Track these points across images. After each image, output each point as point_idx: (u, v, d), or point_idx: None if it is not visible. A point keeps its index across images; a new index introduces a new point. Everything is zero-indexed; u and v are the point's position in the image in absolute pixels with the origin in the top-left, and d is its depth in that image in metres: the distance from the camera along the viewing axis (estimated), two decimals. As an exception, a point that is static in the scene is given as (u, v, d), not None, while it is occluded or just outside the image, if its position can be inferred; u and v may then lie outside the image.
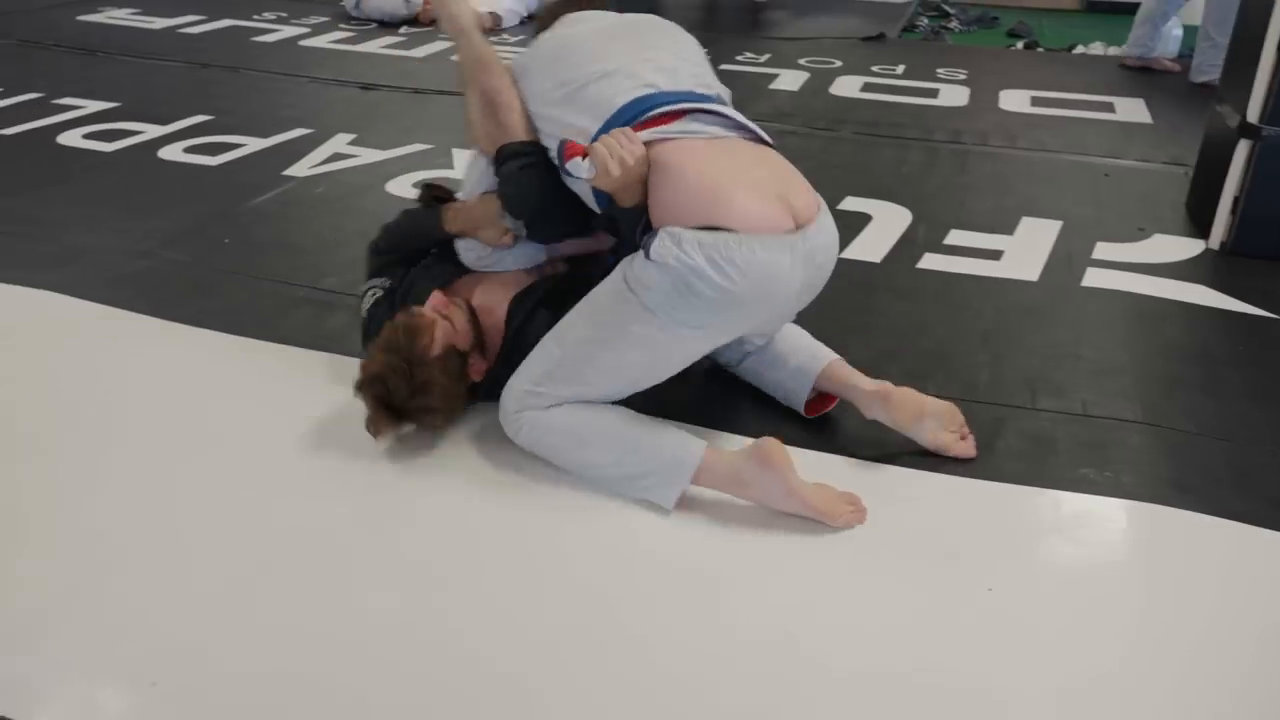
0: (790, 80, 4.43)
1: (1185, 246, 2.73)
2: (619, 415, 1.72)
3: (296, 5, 5.78)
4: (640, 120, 1.68)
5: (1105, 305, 2.41)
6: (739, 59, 4.74)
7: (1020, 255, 2.66)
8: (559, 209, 1.86)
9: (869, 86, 4.32)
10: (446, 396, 1.78)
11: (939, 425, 1.80)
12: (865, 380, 1.84)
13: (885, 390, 1.81)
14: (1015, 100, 4.13)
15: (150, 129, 3.57)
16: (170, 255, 2.61)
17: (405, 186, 3.09)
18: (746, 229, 1.56)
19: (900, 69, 4.61)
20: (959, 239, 2.77)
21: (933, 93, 4.23)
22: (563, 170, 1.73)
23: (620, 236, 1.79)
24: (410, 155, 3.36)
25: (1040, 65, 4.89)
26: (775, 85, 4.34)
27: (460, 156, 3.36)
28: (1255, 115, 2.56)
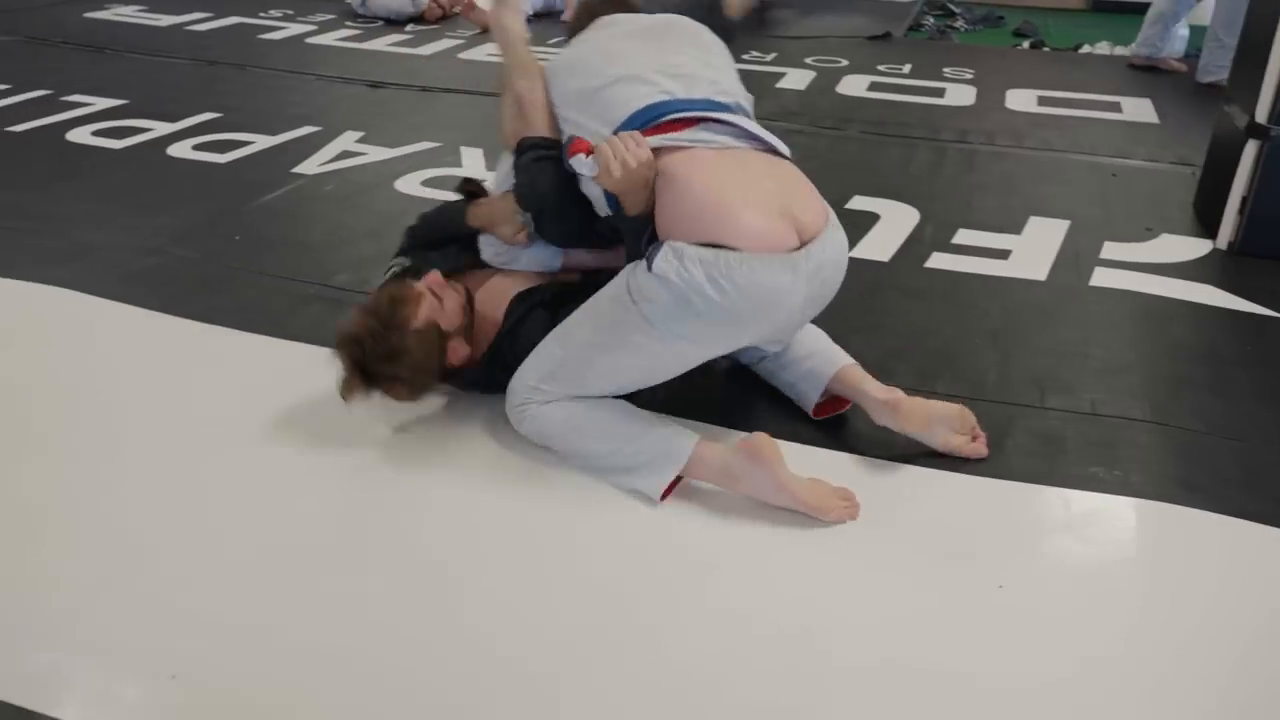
0: (797, 79, 4.43)
1: (1193, 246, 2.73)
2: (617, 409, 1.76)
3: (303, 3, 5.80)
4: (650, 125, 1.68)
5: (1113, 305, 2.41)
6: (745, 58, 4.74)
7: (1028, 255, 2.67)
8: (572, 210, 1.87)
9: (876, 86, 4.33)
10: (416, 369, 1.80)
11: (949, 429, 1.80)
12: (876, 387, 1.84)
13: (895, 400, 1.81)
14: (1022, 100, 4.13)
15: (159, 126, 3.58)
16: (180, 252, 2.62)
17: (414, 184, 3.10)
18: (749, 248, 1.57)
19: (907, 68, 4.62)
20: (967, 238, 2.77)
21: (939, 92, 4.24)
22: (567, 165, 1.74)
23: (624, 243, 1.81)
24: (418, 153, 3.37)
25: (1046, 65, 4.90)
26: (782, 84, 4.35)
27: (468, 154, 3.37)
28: (1263, 116, 2.56)
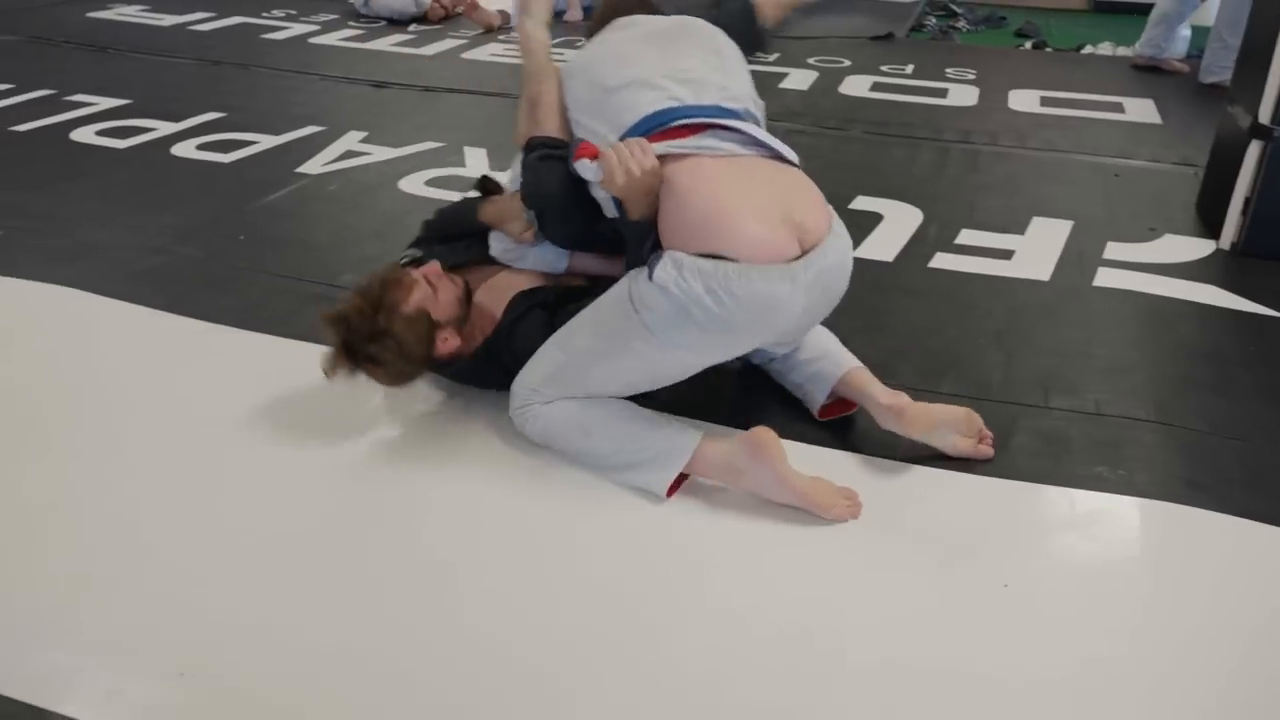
0: (799, 79, 4.44)
1: (1196, 247, 2.74)
2: (619, 407, 1.76)
3: (305, 3, 5.80)
4: (657, 131, 1.68)
5: (1117, 305, 2.42)
6: (748, 58, 4.73)
7: (1031, 255, 2.67)
8: (576, 211, 1.87)
9: (878, 86, 4.33)
10: (399, 355, 1.82)
11: (956, 432, 1.80)
12: (882, 392, 1.84)
13: (899, 406, 1.81)
14: (1024, 100, 4.13)
15: (162, 126, 3.59)
16: (185, 251, 2.63)
17: (418, 184, 3.11)
18: (748, 257, 1.57)
19: (909, 68, 4.62)
20: (970, 238, 2.77)
21: (942, 92, 4.24)
22: (571, 169, 1.74)
23: (625, 248, 1.81)
24: (422, 153, 3.38)
25: (1049, 65, 4.90)
26: (785, 84, 4.35)
27: (471, 154, 3.38)
28: (1267, 116, 2.56)
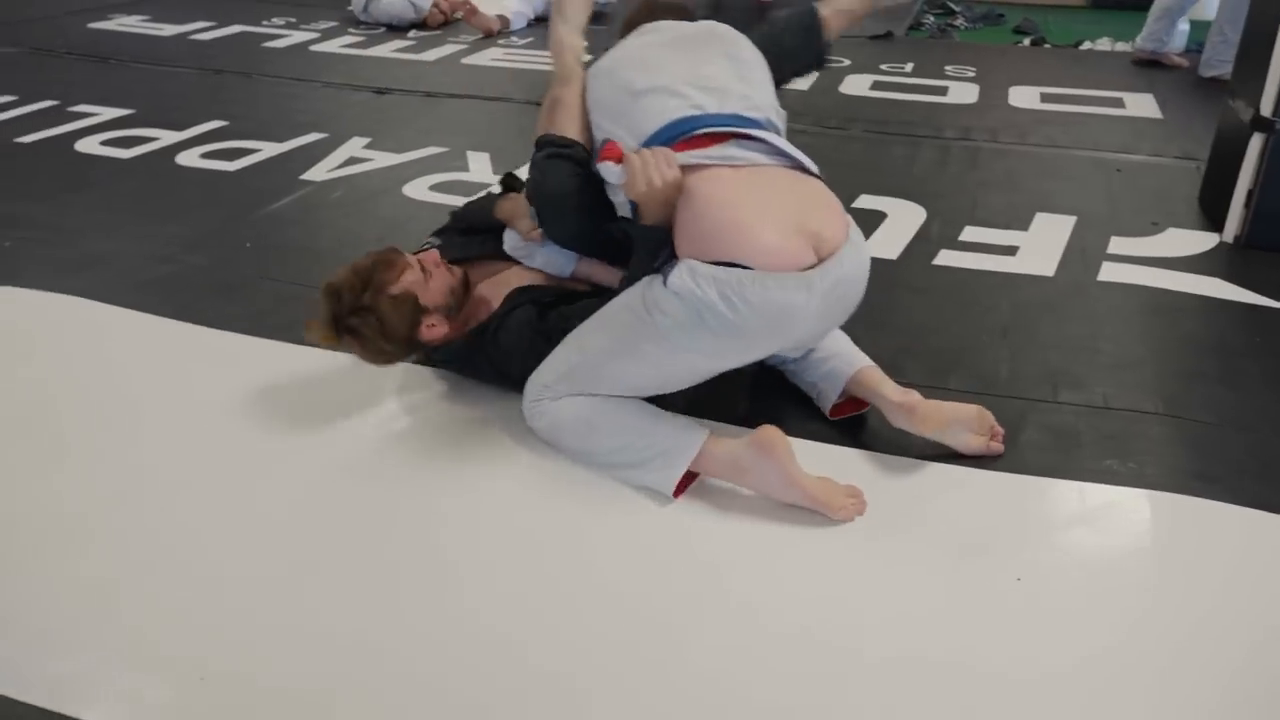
0: (799, 79, 4.42)
1: (1199, 240, 2.74)
2: (628, 405, 1.77)
3: (304, 10, 5.82)
4: (680, 140, 1.68)
5: (1122, 299, 2.42)
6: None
7: (1035, 251, 2.68)
8: (577, 213, 1.88)
9: (878, 85, 4.34)
10: (380, 333, 1.86)
11: (967, 430, 1.80)
12: (893, 390, 1.84)
13: (910, 404, 1.81)
14: (1025, 97, 4.14)
15: (166, 135, 3.60)
16: (192, 260, 2.64)
17: (422, 189, 3.12)
18: (764, 266, 1.57)
19: (909, 67, 4.63)
20: (974, 235, 2.78)
21: (942, 90, 4.25)
22: (594, 168, 1.75)
23: (632, 250, 1.81)
24: (426, 158, 3.39)
25: (1048, 62, 4.91)
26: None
27: (475, 159, 3.39)
28: (1269, 109, 2.57)
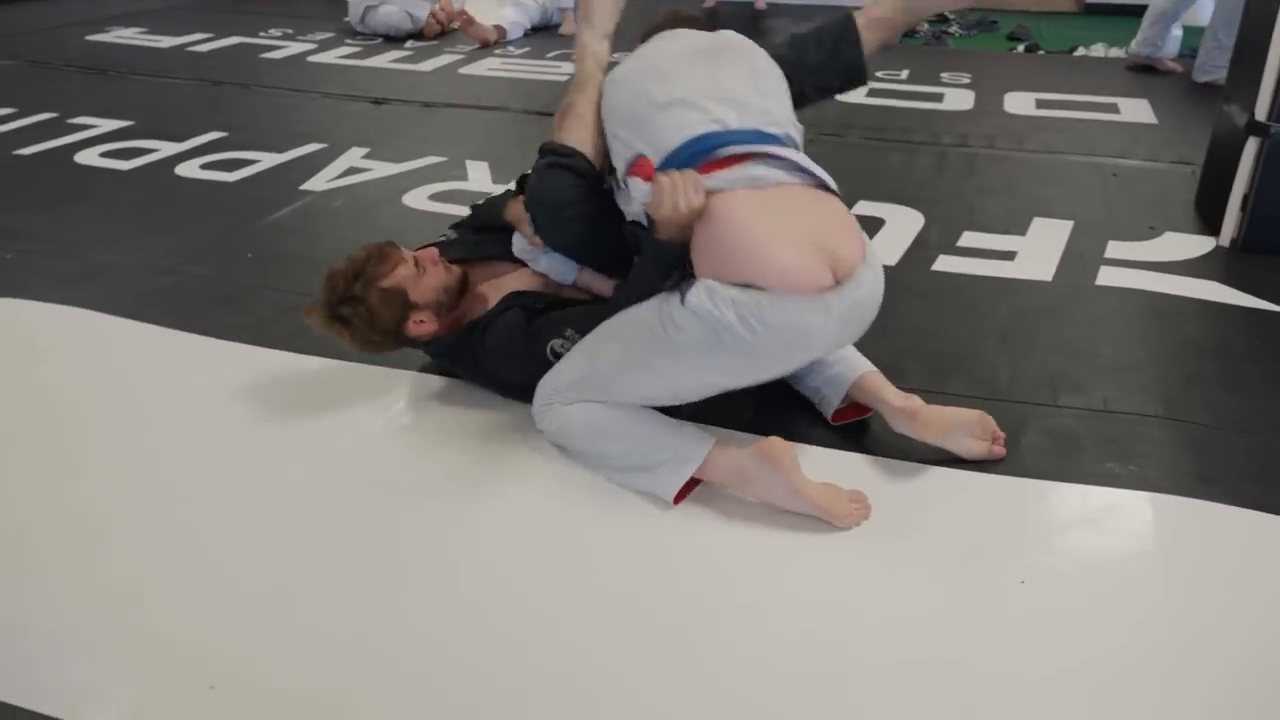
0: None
1: (1196, 244, 2.76)
2: (637, 411, 1.78)
3: (301, 22, 5.84)
4: (704, 162, 1.67)
5: (1120, 303, 2.44)
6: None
7: (1033, 256, 2.69)
8: (573, 224, 1.89)
9: (874, 92, 4.35)
10: (367, 324, 1.91)
11: (969, 435, 1.81)
12: (895, 395, 1.85)
13: (912, 409, 1.82)
14: (1020, 103, 4.16)
15: (166, 146, 3.61)
16: (194, 270, 2.65)
17: (421, 199, 3.13)
18: (782, 288, 1.57)
19: (904, 74, 4.65)
20: (972, 241, 2.80)
21: (938, 97, 4.27)
22: (622, 179, 1.74)
23: (640, 254, 1.81)
24: (424, 168, 3.40)
25: (1042, 68, 4.93)
26: (781, 92, 4.37)
27: (474, 168, 3.40)
28: (1263, 113, 2.58)
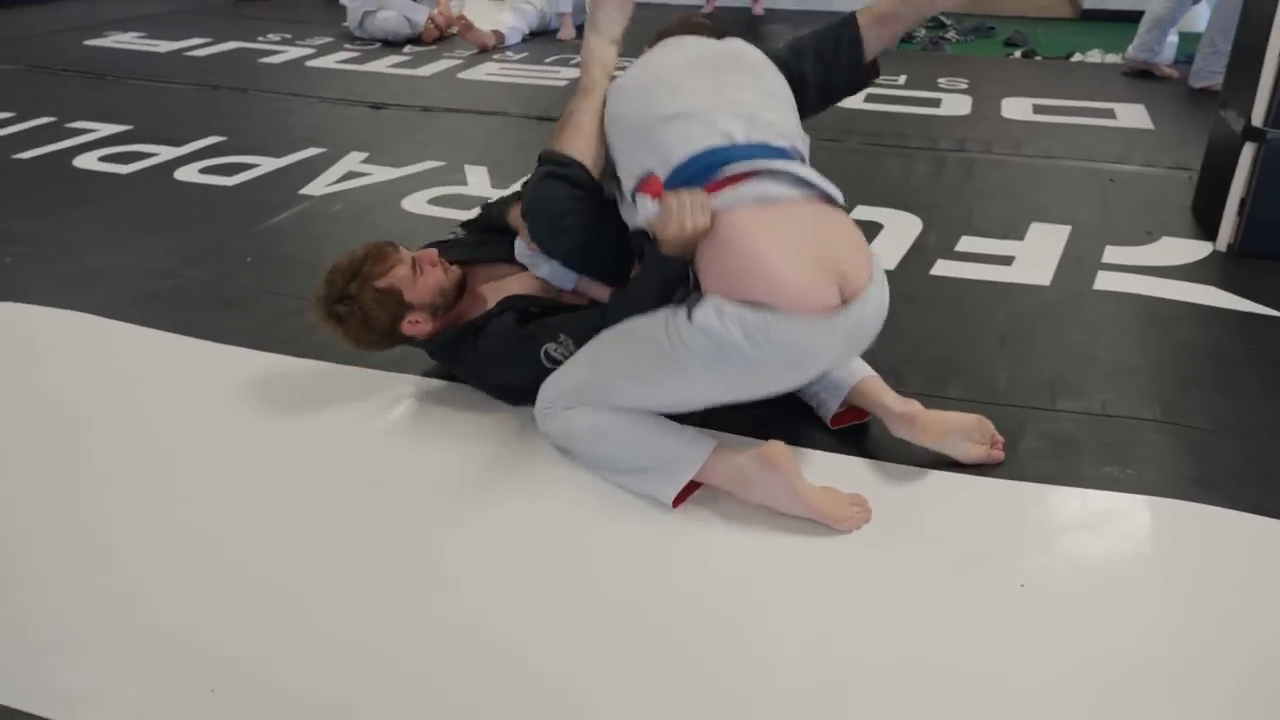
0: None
1: (1193, 249, 2.77)
2: (637, 414, 1.78)
3: (300, 27, 5.85)
4: (711, 181, 1.66)
5: (1118, 307, 2.44)
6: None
7: (1031, 260, 2.70)
8: (570, 233, 1.90)
9: (872, 97, 4.35)
10: (360, 322, 1.94)
11: (968, 439, 1.82)
12: (894, 400, 1.85)
13: (911, 414, 1.83)
14: (1017, 108, 4.18)
15: (165, 150, 3.61)
16: (193, 274, 2.65)
17: (420, 203, 3.14)
18: (789, 307, 1.57)
19: (902, 79, 4.66)
20: (970, 245, 2.80)
21: (935, 102, 4.28)
22: (630, 194, 1.74)
23: (640, 260, 1.81)
24: (423, 172, 3.40)
25: (1039, 73, 4.95)
26: (779, 97, 4.38)
27: (473, 172, 3.41)
28: (1260, 119, 2.60)
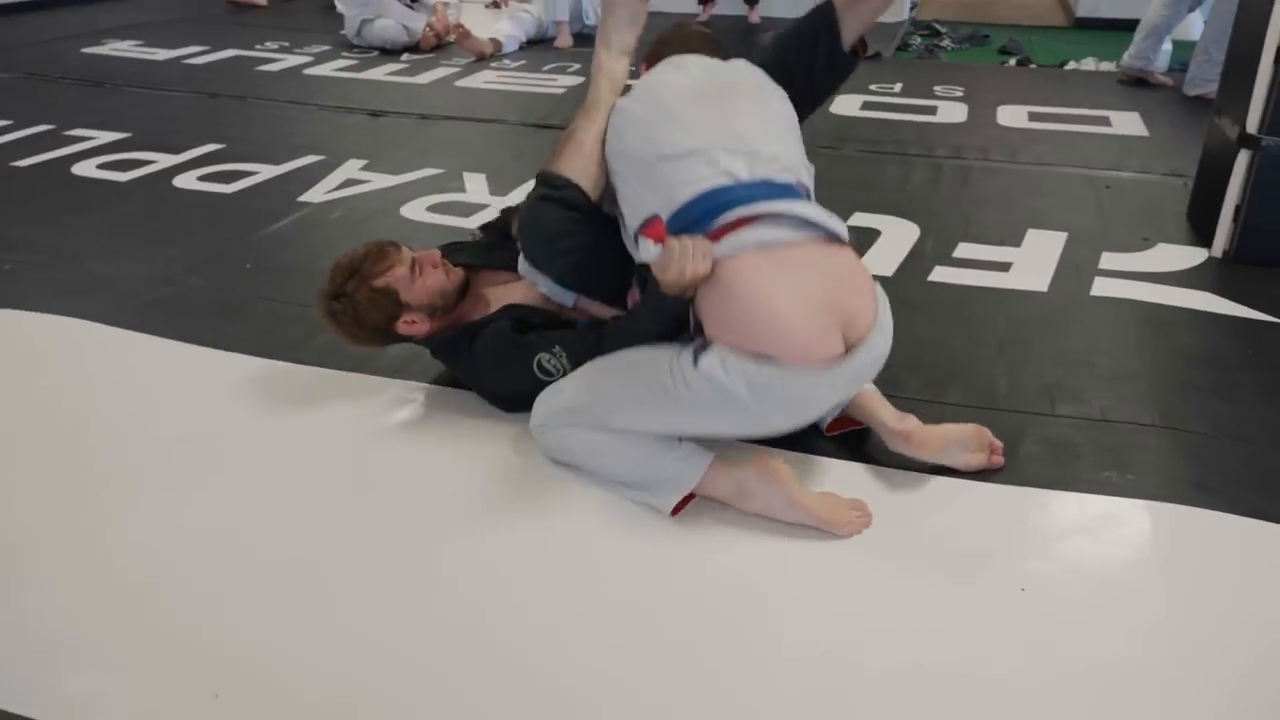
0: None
1: (1189, 255, 2.78)
2: (633, 433, 1.76)
3: (298, 35, 5.86)
4: (714, 227, 1.64)
5: (1115, 313, 2.46)
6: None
7: (1029, 266, 2.71)
8: (564, 255, 1.90)
9: (869, 105, 4.39)
10: (355, 320, 1.97)
11: (965, 450, 1.82)
12: (891, 416, 1.85)
13: (908, 431, 1.83)
14: (1013, 116, 4.19)
15: (163, 158, 3.62)
16: (193, 281, 2.65)
17: (419, 210, 3.14)
18: (794, 362, 1.56)
19: (898, 87, 4.68)
20: (967, 252, 2.81)
21: (931, 110, 4.30)
22: (634, 235, 1.74)
23: (644, 291, 1.80)
24: (422, 180, 3.41)
25: (1034, 81, 4.97)
26: (776, 105, 4.40)
27: (471, 180, 3.41)
28: (1254, 126, 2.61)
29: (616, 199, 1.86)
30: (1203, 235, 2.85)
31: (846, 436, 1.93)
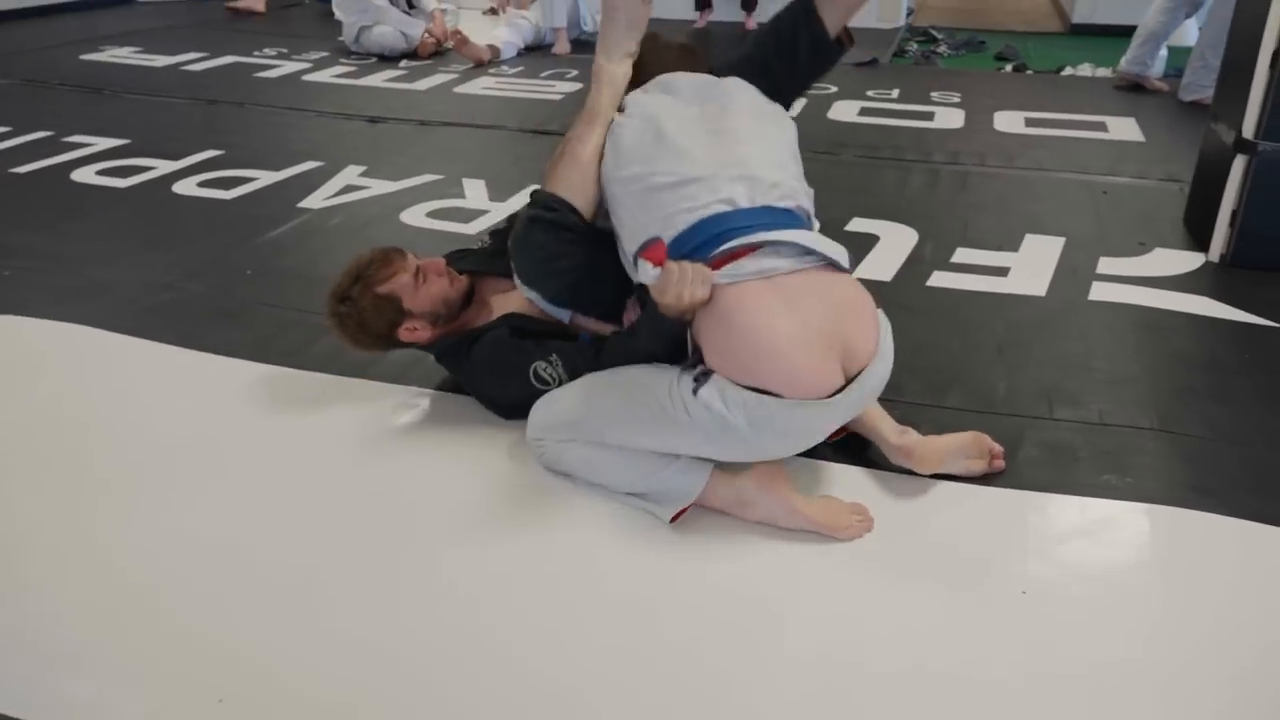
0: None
1: (1186, 260, 2.79)
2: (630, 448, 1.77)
3: (296, 41, 5.87)
4: (714, 255, 1.63)
5: (1113, 317, 2.47)
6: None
7: (1027, 271, 2.72)
8: (557, 276, 1.88)
9: (866, 111, 4.40)
10: (357, 324, 1.98)
11: (965, 458, 1.83)
12: (891, 431, 1.85)
13: (908, 447, 1.83)
14: (1010, 121, 4.21)
15: (162, 164, 3.62)
16: (193, 287, 2.66)
17: (419, 216, 3.15)
18: (794, 395, 1.56)
19: (895, 93, 4.70)
20: (965, 257, 2.82)
21: (928, 115, 4.32)
22: (633, 257, 1.73)
23: (644, 309, 1.79)
24: (421, 186, 3.42)
25: (1031, 87, 4.99)
26: (774, 111, 4.41)
27: (470, 186, 3.42)
28: (1250, 131, 2.62)
29: (612, 219, 1.83)
30: (1199, 240, 2.87)
31: (847, 441, 1.94)
